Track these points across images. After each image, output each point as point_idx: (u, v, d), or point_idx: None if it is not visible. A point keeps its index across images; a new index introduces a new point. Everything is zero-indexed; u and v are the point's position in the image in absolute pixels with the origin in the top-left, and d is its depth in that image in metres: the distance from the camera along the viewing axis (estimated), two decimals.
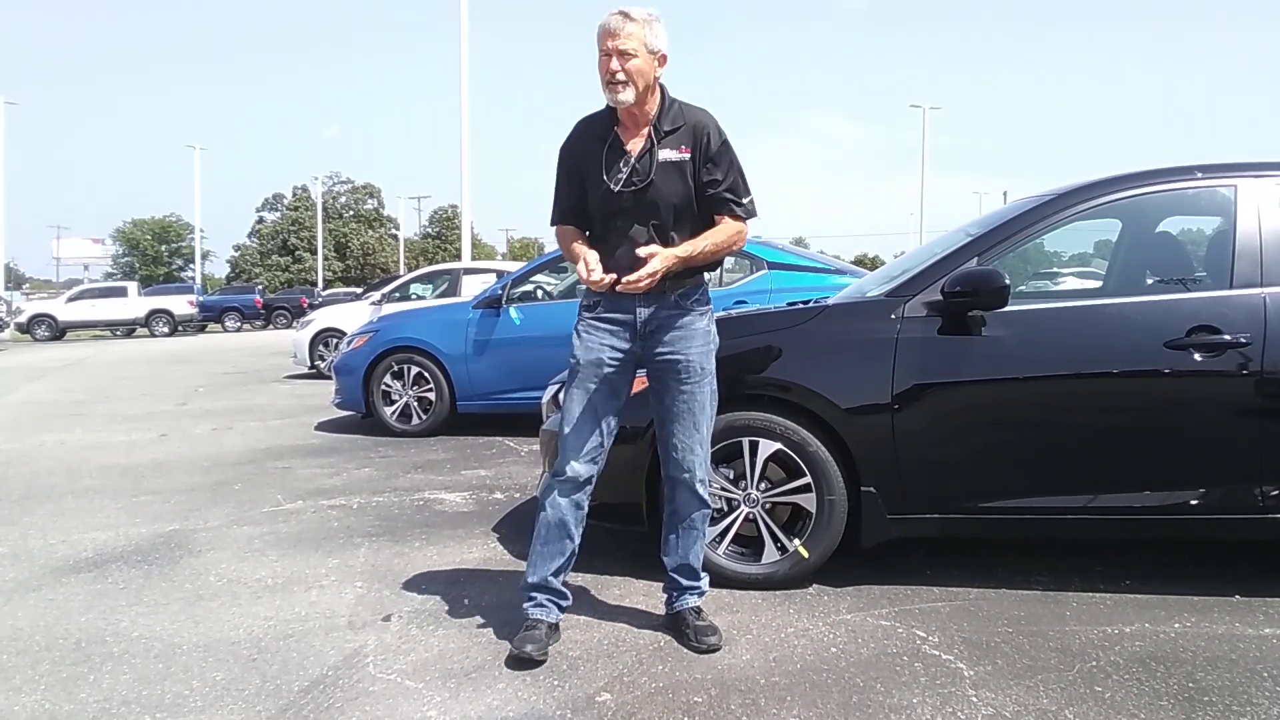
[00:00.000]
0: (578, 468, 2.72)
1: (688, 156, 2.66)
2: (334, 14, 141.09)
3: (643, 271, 2.54)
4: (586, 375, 2.72)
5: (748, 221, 2.75)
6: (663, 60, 2.64)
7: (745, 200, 2.73)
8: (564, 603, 2.81)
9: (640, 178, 2.64)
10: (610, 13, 2.60)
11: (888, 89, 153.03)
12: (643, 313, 2.69)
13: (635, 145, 2.66)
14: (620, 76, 2.57)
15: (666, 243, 2.65)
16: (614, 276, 2.59)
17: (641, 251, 2.56)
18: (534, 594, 2.77)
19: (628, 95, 2.59)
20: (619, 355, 2.71)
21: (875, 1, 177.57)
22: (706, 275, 2.82)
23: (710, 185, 2.68)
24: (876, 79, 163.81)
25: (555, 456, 2.78)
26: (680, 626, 2.79)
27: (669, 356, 2.70)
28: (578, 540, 2.79)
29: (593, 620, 2.98)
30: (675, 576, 2.85)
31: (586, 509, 2.79)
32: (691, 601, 2.82)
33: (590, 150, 2.70)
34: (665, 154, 2.64)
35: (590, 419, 2.72)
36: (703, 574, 2.88)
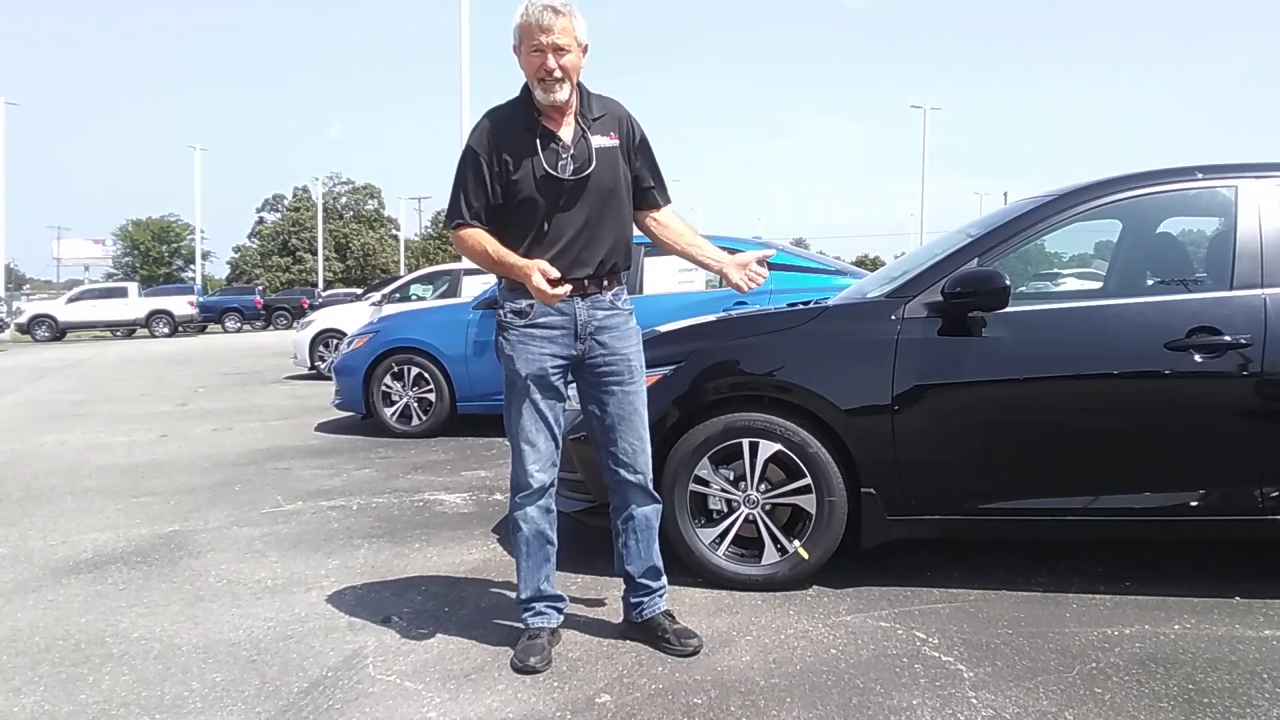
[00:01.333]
0: (541, 477, 2.67)
1: (617, 143, 2.66)
2: (334, 14, 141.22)
3: (760, 270, 2.71)
4: (533, 389, 2.63)
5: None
6: (586, 51, 2.60)
7: (666, 188, 2.83)
8: (562, 605, 2.80)
9: (582, 165, 2.58)
10: (535, 7, 2.49)
11: (888, 89, 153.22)
12: (583, 315, 2.64)
13: (567, 134, 2.61)
14: (558, 74, 2.51)
15: (606, 231, 2.64)
16: (569, 288, 2.53)
17: (760, 267, 2.71)
18: (531, 605, 2.75)
19: (564, 93, 2.54)
20: (561, 362, 2.65)
21: (876, 2, 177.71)
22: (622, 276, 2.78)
23: (641, 178, 2.74)
24: (877, 79, 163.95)
25: (518, 468, 2.71)
26: (657, 633, 2.74)
27: (611, 357, 2.66)
28: (556, 541, 2.77)
29: (593, 621, 2.97)
30: (644, 582, 2.78)
31: (556, 509, 2.76)
32: (662, 605, 2.78)
33: (519, 142, 2.58)
34: (598, 140, 2.62)
35: (544, 429, 2.67)
36: (664, 571, 2.82)
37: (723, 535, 3.23)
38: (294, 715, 2.38)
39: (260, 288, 42.07)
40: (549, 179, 2.57)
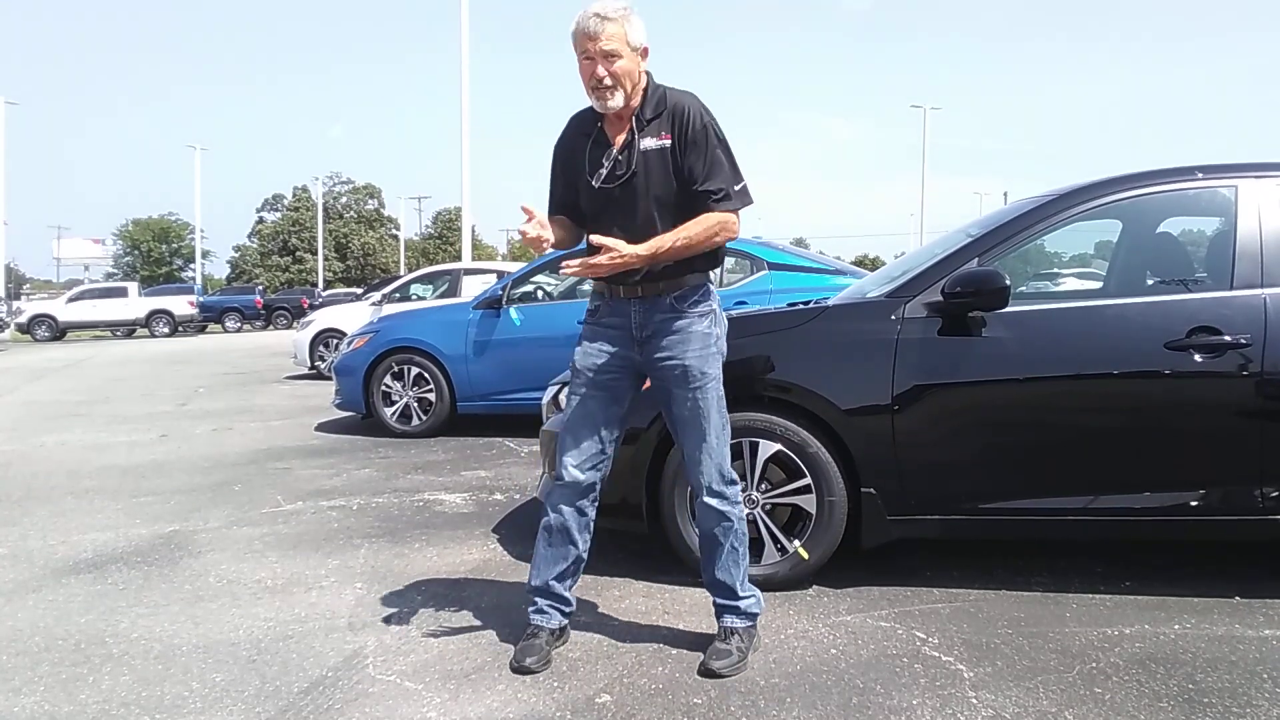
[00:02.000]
0: (576, 474, 2.66)
1: (668, 144, 2.53)
2: (335, 14, 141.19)
3: (600, 257, 2.44)
4: (583, 381, 2.66)
5: (737, 211, 2.56)
6: (645, 54, 2.55)
7: (726, 188, 2.53)
8: (566, 609, 2.76)
9: (622, 170, 2.55)
10: (584, 15, 2.47)
11: (889, 89, 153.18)
12: (637, 317, 2.61)
13: (619, 138, 2.58)
14: (608, 81, 2.48)
15: (657, 234, 2.52)
16: (550, 237, 2.51)
17: (594, 239, 2.47)
18: (536, 599, 2.73)
19: (617, 100, 2.51)
20: (616, 361, 2.63)
21: (877, 2, 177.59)
22: (712, 275, 2.70)
23: (690, 175, 2.53)
24: (878, 79, 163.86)
25: (555, 457, 2.74)
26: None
27: (666, 362, 2.58)
28: (583, 547, 2.73)
29: (593, 621, 2.97)
30: (712, 594, 2.74)
31: (591, 516, 2.73)
32: (725, 621, 2.67)
33: (577, 147, 2.63)
34: (646, 143, 2.54)
35: (588, 425, 2.66)
36: (744, 594, 2.68)
37: None
38: (294, 715, 2.38)
39: (260, 287, 42.06)
40: (589, 188, 2.60)
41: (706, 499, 2.64)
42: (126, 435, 7.37)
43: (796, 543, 3.16)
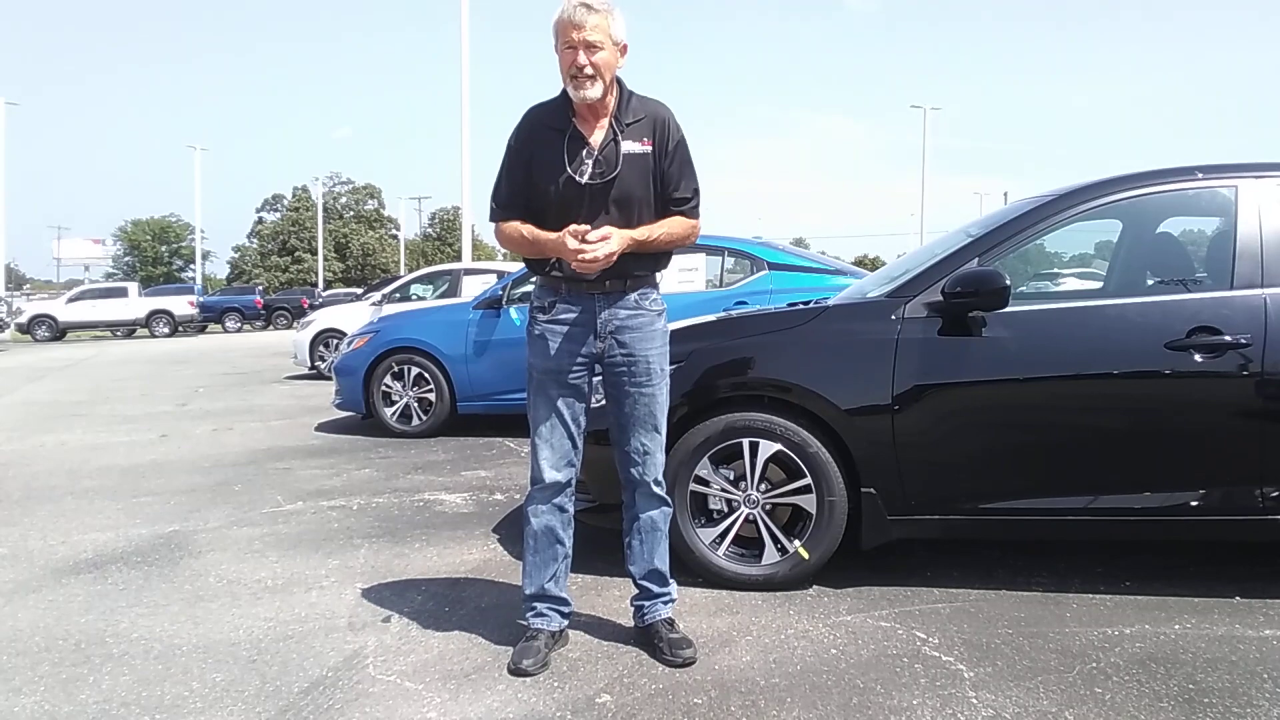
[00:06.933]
0: (554, 474, 2.68)
1: (649, 149, 2.60)
2: (335, 14, 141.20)
3: (599, 248, 2.45)
4: (549, 381, 2.66)
5: (699, 219, 2.71)
6: (624, 51, 2.59)
7: (696, 198, 2.69)
8: (565, 609, 2.78)
9: (605, 170, 2.56)
10: (569, 4, 2.50)
11: (890, 89, 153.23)
12: (603, 313, 2.63)
13: (597, 137, 2.59)
14: (589, 70, 2.50)
15: None
16: (608, 233, 2.48)
17: (594, 235, 2.47)
18: (534, 604, 2.74)
19: (596, 90, 2.53)
20: (581, 358, 2.65)
21: (878, 2, 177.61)
22: (658, 276, 2.75)
23: (666, 182, 2.63)
24: (879, 79, 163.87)
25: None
26: (653, 640, 2.71)
27: (629, 357, 2.64)
28: (569, 544, 2.76)
29: (593, 621, 2.97)
30: (646, 584, 2.77)
31: (571, 512, 2.75)
32: (664, 612, 2.75)
33: (548, 141, 2.60)
34: (628, 146, 2.57)
35: (560, 424, 2.67)
36: (671, 580, 2.80)
37: (723, 535, 3.23)
38: (294, 715, 2.38)
39: (260, 288, 42.06)
40: (570, 182, 2.56)
41: (655, 488, 2.71)
42: (126, 435, 7.37)
43: (797, 543, 3.16)
